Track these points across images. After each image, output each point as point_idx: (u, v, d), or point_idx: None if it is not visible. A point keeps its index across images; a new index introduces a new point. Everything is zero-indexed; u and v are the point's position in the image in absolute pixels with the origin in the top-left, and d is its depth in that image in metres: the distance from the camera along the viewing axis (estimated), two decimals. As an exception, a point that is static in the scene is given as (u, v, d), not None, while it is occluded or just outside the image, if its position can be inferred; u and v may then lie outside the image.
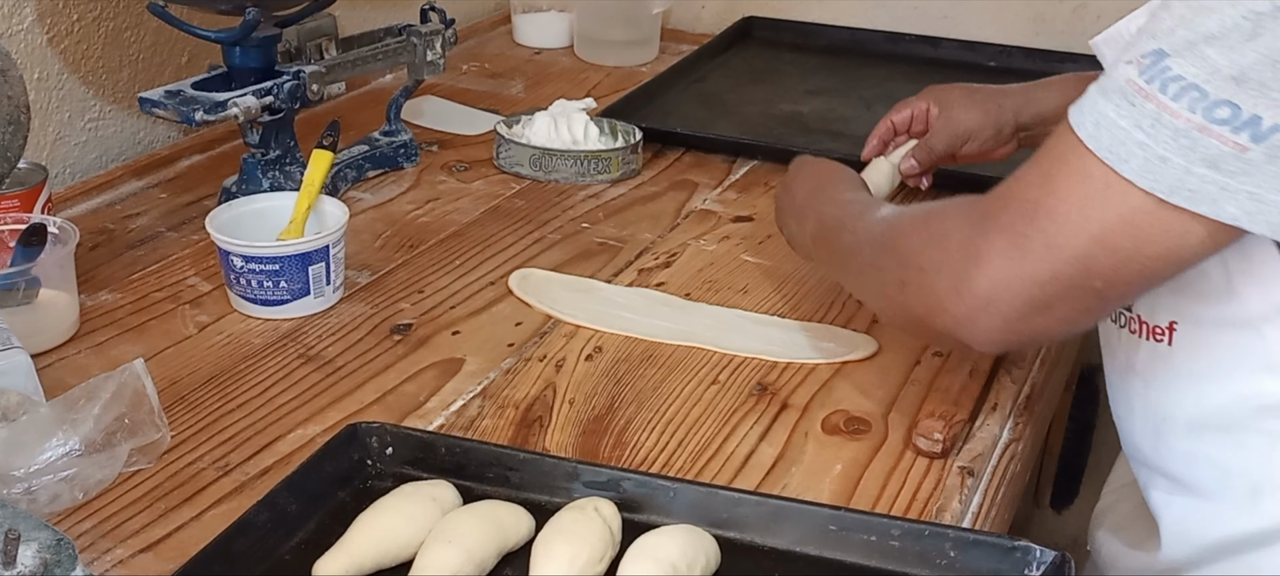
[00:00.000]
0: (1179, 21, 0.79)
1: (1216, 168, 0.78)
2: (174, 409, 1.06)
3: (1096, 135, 0.82)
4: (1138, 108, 0.80)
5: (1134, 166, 0.80)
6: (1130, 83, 0.81)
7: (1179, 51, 0.79)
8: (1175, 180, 0.79)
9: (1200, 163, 0.78)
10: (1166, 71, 0.79)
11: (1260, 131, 0.77)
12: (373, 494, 0.91)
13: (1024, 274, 0.85)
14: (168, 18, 1.37)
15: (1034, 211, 0.85)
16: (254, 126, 1.37)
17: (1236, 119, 0.77)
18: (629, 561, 0.84)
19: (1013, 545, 0.86)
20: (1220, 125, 0.78)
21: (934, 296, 0.89)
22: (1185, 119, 0.78)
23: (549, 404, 1.08)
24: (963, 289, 0.87)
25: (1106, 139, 0.81)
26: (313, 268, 1.19)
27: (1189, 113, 0.78)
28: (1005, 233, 0.86)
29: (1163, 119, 0.79)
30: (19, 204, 1.25)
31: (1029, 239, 0.85)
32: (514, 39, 2.06)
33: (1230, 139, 0.77)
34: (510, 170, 1.54)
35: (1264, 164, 0.77)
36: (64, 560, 0.76)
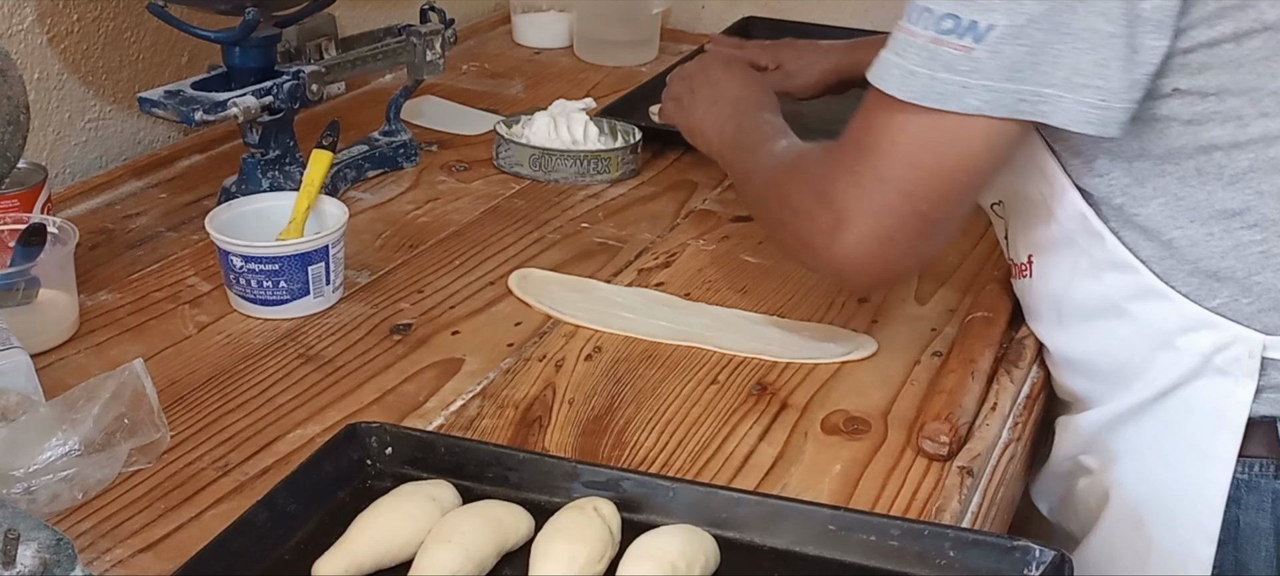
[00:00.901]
0: None
1: (953, 70, 0.93)
2: (174, 409, 1.06)
3: (877, 72, 0.98)
4: (897, 40, 0.97)
5: (893, 82, 0.96)
6: (898, 28, 0.97)
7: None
8: (923, 87, 0.94)
9: (941, 68, 0.94)
10: (914, 7, 0.95)
11: (979, 33, 0.92)
12: (372, 493, 0.91)
13: (864, 207, 0.99)
14: (167, 18, 1.37)
15: (860, 148, 1.00)
16: (254, 126, 1.37)
17: (959, 27, 0.93)
18: (628, 561, 0.84)
19: (1012, 545, 0.86)
20: (948, 34, 0.93)
21: (806, 237, 1.03)
22: (923, 36, 0.94)
23: (548, 404, 1.08)
24: (821, 228, 1.01)
25: (880, 70, 0.98)
26: (312, 267, 1.19)
27: (923, 28, 0.94)
28: (846, 172, 1.00)
29: (911, 42, 0.95)
30: (19, 204, 1.25)
31: (862, 176, 0.99)
32: (514, 39, 2.06)
33: (958, 44, 0.93)
34: (510, 170, 1.54)
35: (989, 60, 0.92)
36: (63, 560, 0.76)
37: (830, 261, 1.02)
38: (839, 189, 1.00)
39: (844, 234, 1.00)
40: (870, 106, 1.00)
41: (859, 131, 1.00)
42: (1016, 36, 0.92)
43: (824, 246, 1.01)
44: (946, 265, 1.32)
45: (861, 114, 1.01)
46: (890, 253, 1.00)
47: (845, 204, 0.99)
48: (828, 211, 1.01)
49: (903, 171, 0.97)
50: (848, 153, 1.01)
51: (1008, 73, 0.93)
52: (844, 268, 1.02)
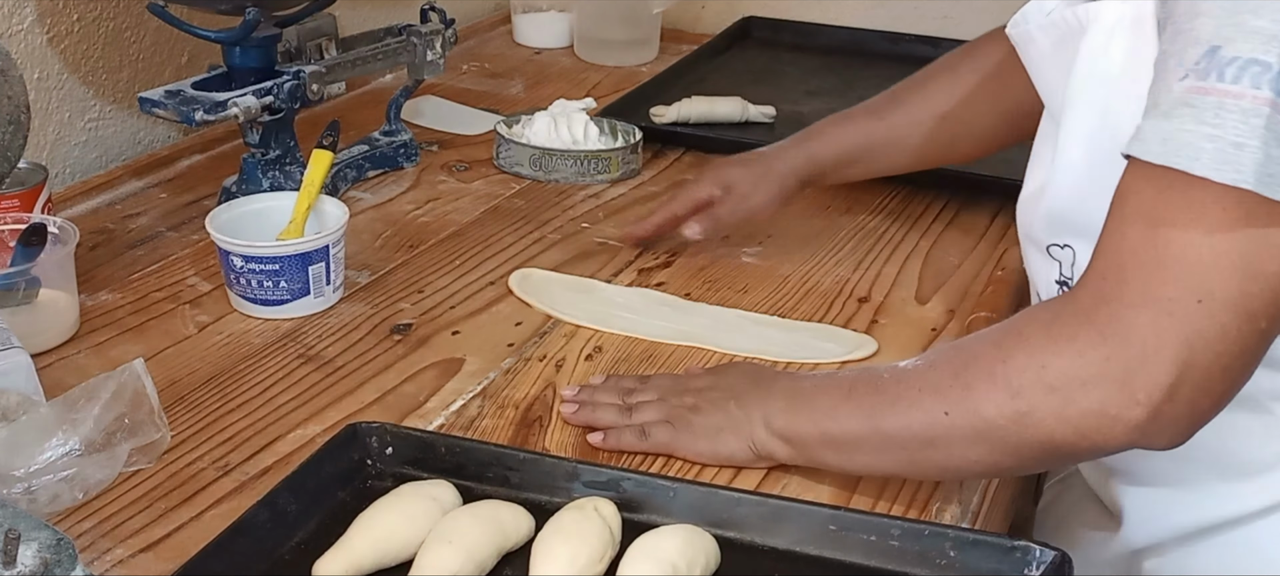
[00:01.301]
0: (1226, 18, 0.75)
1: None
2: (174, 409, 1.06)
3: (1164, 150, 0.75)
4: (1198, 107, 0.74)
5: (1206, 163, 0.73)
6: (1187, 88, 0.75)
7: (1229, 39, 0.74)
8: (1258, 165, 0.72)
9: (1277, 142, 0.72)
10: (1221, 59, 0.74)
11: None
12: (373, 494, 0.91)
13: (1194, 344, 0.76)
14: (168, 18, 1.37)
15: (1161, 267, 0.76)
16: (254, 126, 1.37)
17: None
18: (629, 561, 0.84)
19: (1012, 545, 0.86)
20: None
21: (1089, 413, 0.79)
22: (1250, 97, 0.72)
23: (549, 404, 1.08)
24: (1135, 390, 0.77)
25: (1175, 147, 0.74)
26: (313, 267, 1.19)
27: (1254, 89, 0.72)
28: (1142, 306, 0.77)
29: (1226, 105, 0.73)
30: (19, 204, 1.25)
31: (1175, 301, 0.76)
32: (514, 39, 2.06)
33: None
34: (510, 170, 1.54)
35: None
36: (64, 560, 0.76)
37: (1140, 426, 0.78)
38: (1142, 328, 0.76)
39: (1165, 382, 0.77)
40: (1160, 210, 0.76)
41: (1150, 247, 0.76)
42: None
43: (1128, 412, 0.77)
44: (947, 265, 1.32)
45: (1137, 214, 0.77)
46: (1225, 389, 0.79)
47: (1158, 344, 0.76)
48: (1127, 364, 0.77)
49: (1240, 284, 0.75)
50: (1138, 279, 0.77)
51: None
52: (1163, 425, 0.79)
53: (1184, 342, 0.76)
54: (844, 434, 0.91)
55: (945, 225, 1.41)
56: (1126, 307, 0.77)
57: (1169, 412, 0.78)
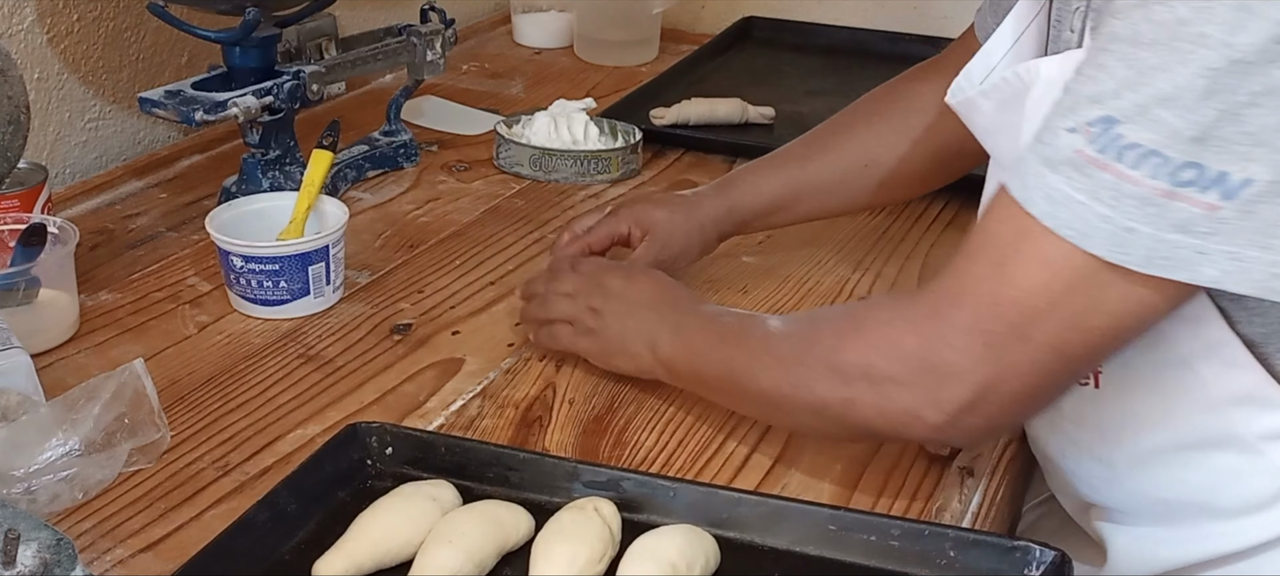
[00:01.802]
0: (1124, 85, 0.75)
1: (1188, 231, 0.75)
2: (174, 409, 1.06)
3: (1053, 212, 0.77)
4: (1094, 179, 0.76)
5: (1100, 242, 0.76)
6: (1080, 154, 0.76)
7: (1130, 117, 0.75)
8: (1147, 250, 0.75)
9: (1171, 228, 0.75)
10: (1120, 139, 0.75)
11: (1230, 187, 0.74)
12: (372, 494, 0.91)
13: (1003, 374, 0.82)
14: (168, 18, 1.37)
15: (996, 307, 0.81)
16: (254, 126, 1.37)
17: (1202, 178, 0.74)
18: (629, 561, 0.84)
19: (1012, 545, 0.86)
20: (1187, 187, 0.74)
21: (900, 410, 0.86)
22: (1148, 186, 0.74)
23: (549, 404, 1.08)
24: (941, 401, 0.84)
25: (1065, 215, 0.77)
26: (312, 267, 1.19)
27: (1152, 179, 0.74)
28: (969, 334, 0.82)
29: (1124, 188, 0.75)
30: (19, 204, 1.25)
31: (999, 337, 0.81)
32: (514, 39, 2.06)
33: (1200, 200, 0.74)
34: (510, 170, 1.54)
35: (1238, 220, 0.74)
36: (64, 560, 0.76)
37: (940, 429, 0.85)
38: (959, 353, 0.82)
39: (966, 399, 0.83)
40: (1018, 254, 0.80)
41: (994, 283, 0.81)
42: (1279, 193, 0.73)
43: (931, 416, 0.84)
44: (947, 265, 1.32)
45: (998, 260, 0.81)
46: (1024, 410, 0.87)
47: (976, 372, 0.82)
48: (938, 378, 0.83)
49: (1064, 334, 0.80)
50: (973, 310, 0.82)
51: (1261, 238, 0.74)
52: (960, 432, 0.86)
53: (995, 372, 0.82)
54: (711, 377, 1.00)
55: (945, 225, 1.41)
56: (954, 330, 0.83)
57: (966, 423, 0.84)
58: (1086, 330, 0.80)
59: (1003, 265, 0.81)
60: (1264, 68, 0.72)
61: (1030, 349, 0.81)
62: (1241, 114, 0.73)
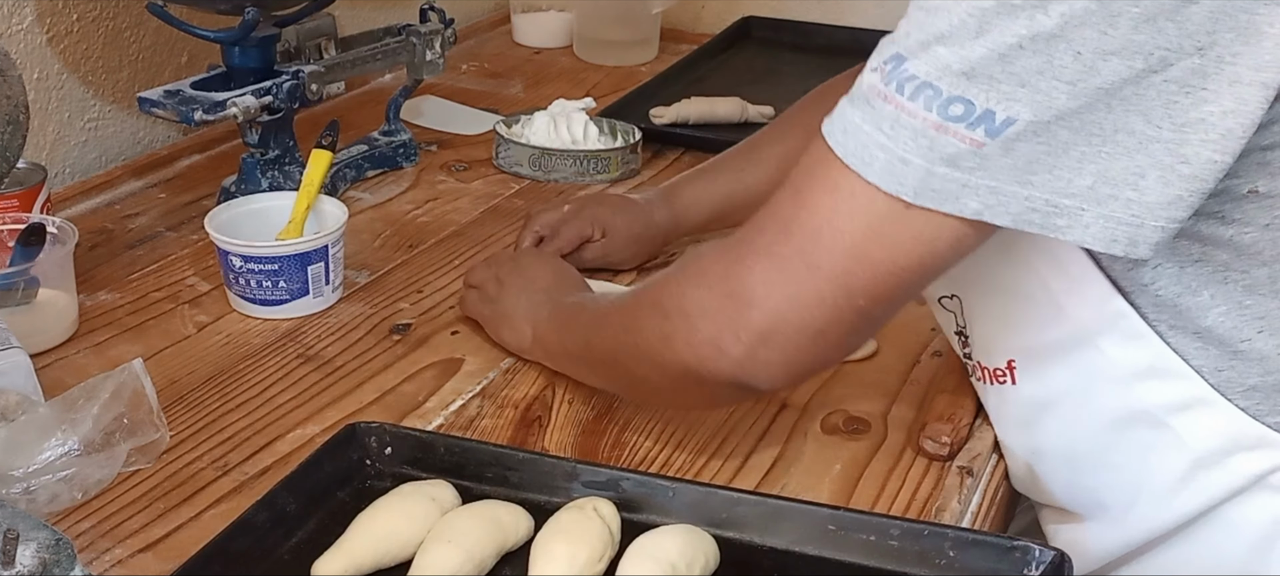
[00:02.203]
0: (914, 26, 0.80)
1: (955, 165, 0.78)
2: (173, 409, 1.06)
3: (844, 143, 0.81)
4: (877, 110, 0.79)
5: (877, 170, 0.79)
6: (872, 88, 0.80)
7: (913, 53, 0.79)
8: (919, 181, 0.78)
9: (940, 161, 0.78)
10: (903, 72, 0.79)
11: (994, 126, 0.77)
12: (372, 493, 0.91)
13: (791, 298, 0.83)
14: (167, 17, 1.37)
15: (788, 229, 0.83)
16: (253, 126, 1.37)
17: (970, 115, 0.77)
18: (628, 561, 0.84)
19: (1012, 544, 0.86)
20: (956, 122, 0.77)
21: (705, 342, 0.86)
22: (922, 118, 0.78)
23: (548, 403, 1.08)
24: (739, 329, 0.85)
25: (852, 144, 0.80)
26: (312, 267, 1.19)
27: (925, 111, 0.77)
28: (764, 257, 0.84)
29: (902, 120, 0.78)
30: (18, 204, 1.25)
31: (788, 260, 0.83)
32: (513, 39, 2.06)
33: (967, 135, 0.77)
34: (510, 170, 1.54)
35: (1000, 157, 0.77)
36: (63, 560, 0.76)
37: (740, 363, 0.85)
38: (756, 276, 0.84)
39: (760, 327, 0.84)
40: (813, 179, 0.83)
41: (790, 208, 0.84)
42: (1038, 133, 0.77)
43: (731, 347, 0.85)
44: (946, 265, 1.32)
45: (797, 187, 0.84)
46: (817, 349, 0.86)
47: (764, 294, 0.84)
48: (737, 304, 0.85)
49: (846, 264, 0.82)
50: (770, 233, 0.85)
51: (1019, 175, 0.78)
52: (758, 367, 0.86)
53: (785, 298, 0.83)
54: (574, 350, 1.05)
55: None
56: (752, 254, 0.85)
57: (763, 356, 0.85)
58: (870, 263, 0.82)
59: (799, 192, 0.84)
60: (1030, 12, 0.75)
61: (817, 279, 0.82)
62: (1009, 55, 0.76)
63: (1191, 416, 0.91)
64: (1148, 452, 0.93)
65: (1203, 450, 0.91)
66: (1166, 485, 0.93)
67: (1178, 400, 0.91)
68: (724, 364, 0.86)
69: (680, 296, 0.89)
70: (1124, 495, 0.95)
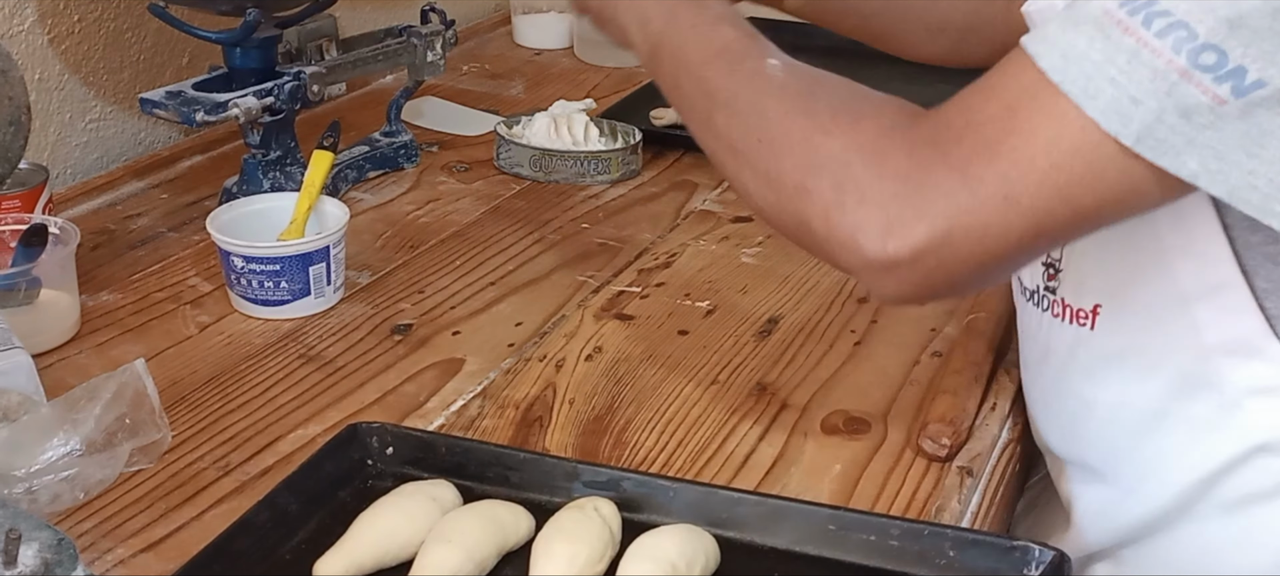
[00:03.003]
0: None
1: (1188, 118, 0.71)
2: (175, 409, 1.06)
3: (1063, 68, 0.73)
4: (1114, 41, 0.72)
5: (1101, 104, 0.72)
6: (1108, 14, 0.72)
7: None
8: (1144, 126, 0.72)
9: (1174, 110, 0.71)
10: (1155, 5, 0.71)
11: (1242, 85, 0.70)
12: (373, 493, 0.91)
13: (971, 226, 0.75)
14: (168, 18, 1.37)
15: (993, 150, 0.75)
16: (254, 127, 1.37)
17: (1221, 67, 0.70)
18: (629, 561, 0.84)
19: (1012, 544, 0.86)
20: (1203, 71, 0.70)
21: (848, 224, 0.78)
22: (1166, 59, 0.71)
23: (549, 404, 1.08)
24: (893, 230, 0.76)
25: (1075, 73, 0.73)
26: (313, 268, 1.20)
27: (1172, 53, 0.70)
28: (957, 171, 0.75)
29: (1141, 55, 0.71)
30: (20, 204, 1.25)
31: (984, 184, 0.75)
32: (514, 40, 2.06)
33: (1211, 88, 0.71)
34: (510, 171, 1.55)
35: (1236, 120, 0.71)
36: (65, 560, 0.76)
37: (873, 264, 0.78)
38: (940, 189, 0.75)
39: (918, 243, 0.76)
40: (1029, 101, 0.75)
41: (999, 127, 0.75)
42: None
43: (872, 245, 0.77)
44: (946, 265, 1.32)
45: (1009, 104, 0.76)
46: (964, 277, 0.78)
47: (941, 210, 0.75)
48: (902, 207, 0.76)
49: (1051, 204, 0.74)
50: (969, 146, 0.76)
51: (1250, 145, 0.71)
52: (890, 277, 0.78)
53: (964, 224, 0.75)
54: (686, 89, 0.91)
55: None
56: (942, 163, 0.76)
57: (904, 271, 0.77)
58: (1074, 205, 0.75)
59: (1012, 110, 0.75)
60: None
61: (1013, 213, 0.75)
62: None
63: (1268, 401, 0.87)
64: (1212, 430, 0.89)
65: (1271, 436, 0.88)
66: (1222, 465, 0.90)
67: (1259, 383, 0.87)
68: (854, 256, 0.78)
69: (843, 159, 0.79)
70: (1166, 468, 0.92)
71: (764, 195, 0.85)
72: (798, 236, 0.83)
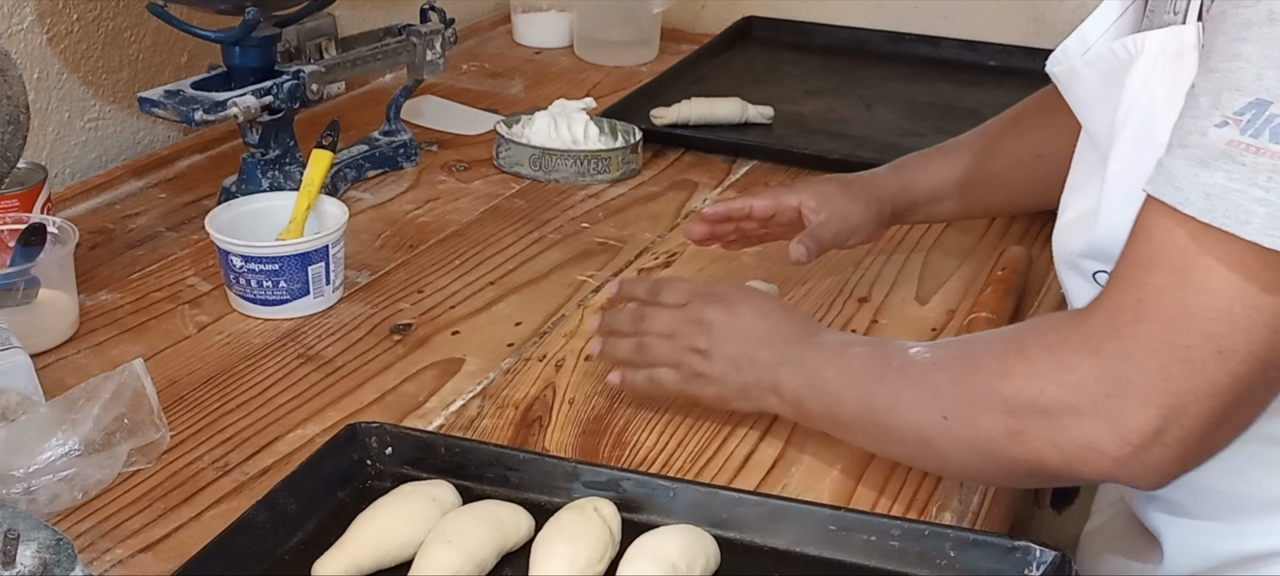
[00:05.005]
0: (1268, 65, 0.74)
1: None
2: (173, 409, 1.06)
3: (1210, 208, 0.75)
4: (1250, 165, 0.74)
5: (1257, 225, 0.73)
6: (1233, 144, 0.74)
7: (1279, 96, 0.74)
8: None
9: None
10: (1274, 120, 0.73)
11: None
12: (372, 494, 0.91)
13: (1199, 390, 0.77)
14: (167, 17, 1.37)
15: (1186, 317, 0.76)
16: (253, 126, 1.37)
17: None
18: (629, 561, 0.84)
19: (1012, 545, 0.86)
20: None
21: (1077, 442, 0.80)
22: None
23: (549, 404, 1.08)
24: (1125, 428, 0.78)
25: (1224, 206, 0.74)
26: (312, 267, 1.19)
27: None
28: (1160, 351, 0.77)
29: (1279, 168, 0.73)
30: (18, 204, 1.25)
31: (1192, 349, 0.76)
32: (514, 39, 2.06)
33: None
34: (510, 170, 1.54)
35: None
36: (63, 560, 0.76)
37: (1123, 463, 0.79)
38: (1150, 372, 0.77)
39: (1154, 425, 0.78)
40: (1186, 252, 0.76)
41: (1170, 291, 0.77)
42: None
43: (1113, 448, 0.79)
44: (947, 265, 1.32)
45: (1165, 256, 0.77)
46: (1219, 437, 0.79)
47: (1161, 390, 0.77)
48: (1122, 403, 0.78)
49: (1268, 337, 0.75)
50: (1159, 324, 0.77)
51: None
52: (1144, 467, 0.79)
53: (1191, 394, 0.77)
54: (848, 419, 0.94)
55: (945, 225, 1.41)
56: (1140, 349, 0.78)
57: (1153, 454, 0.79)
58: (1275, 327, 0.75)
59: (1185, 273, 0.77)
60: None
61: (1232, 363, 0.76)
62: None
63: None
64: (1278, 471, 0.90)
65: None
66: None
67: None
68: (1102, 465, 0.80)
69: (1034, 391, 0.82)
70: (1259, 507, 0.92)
71: (977, 464, 0.87)
72: (1038, 476, 0.84)
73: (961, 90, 1.73)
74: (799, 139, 1.62)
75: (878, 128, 1.66)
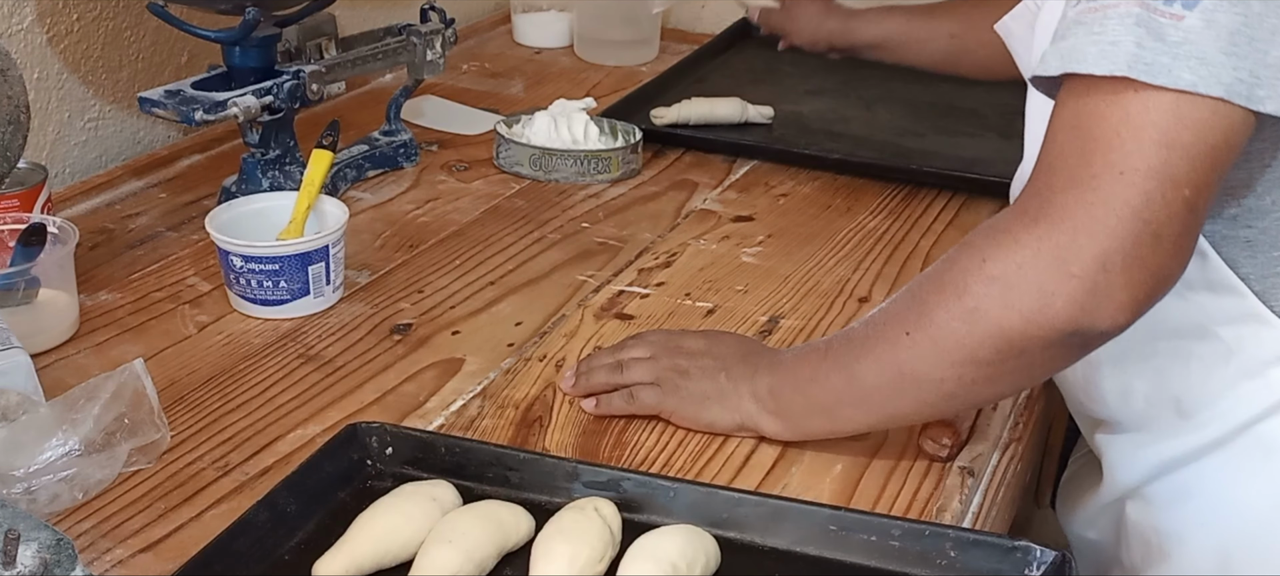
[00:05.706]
0: None
1: (1162, 39, 0.81)
2: (174, 409, 1.06)
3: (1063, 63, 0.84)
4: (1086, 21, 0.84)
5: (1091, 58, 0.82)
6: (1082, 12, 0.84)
7: None
8: (1129, 56, 0.81)
9: (1149, 38, 0.81)
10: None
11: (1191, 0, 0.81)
12: (372, 494, 0.91)
13: (1120, 213, 0.81)
14: (167, 17, 1.37)
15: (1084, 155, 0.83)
16: (254, 126, 1.37)
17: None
18: (629, 561, 0.84)
19: (1013, 545, 0.86)
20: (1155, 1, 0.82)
21: (1030, 294, 0.84)
22: (1124, 5, 0.82)
23: (549, 404, 1.08)
24: (1067, 263, 0.82)
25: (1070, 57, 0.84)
26: (312, 267, 1.19)
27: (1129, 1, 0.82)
28: (1071, 189, 0.83)
29: (1109, 15, 0.82)
30: (19, 204, 1.25)
31: (1099, 178, 0.82)
32: (514, 39, 2.06)
33: (1166, 11, 0.81)
34: (510, 170, 1.54)
35: (1202, 30, 0.81)
36: (64, 560, 0.76)
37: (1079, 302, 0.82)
38: (1070, 208, 0.82)
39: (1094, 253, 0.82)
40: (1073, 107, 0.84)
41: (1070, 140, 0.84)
42: (1233, 3, 0.81)
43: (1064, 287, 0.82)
44: (947, 265, 1.32)
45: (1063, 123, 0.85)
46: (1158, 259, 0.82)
47: (1087, 218, 0.82)
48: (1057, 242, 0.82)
49: (1157, 154, 0.81)
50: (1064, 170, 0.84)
51: (1223, 45, 0.81)
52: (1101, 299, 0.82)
53: (1111, 213, 0.82)
54: (827, 394, 0.97)
55: (945, 225, 1.41)
56: (1056, 193, 0.84)
57: (1104, 284, 0.82)
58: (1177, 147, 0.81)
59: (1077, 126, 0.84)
60: None
61: (1135, 180, 0.81)
62: None
63: (1239, 329, 0.95)
64: (1197, 363, 0.96)
65: (1247, 360, 0.95)
66: (1209, 395, 0.97)
67: (1229, 313, 0.95)
68: (1059, 310, 0.83)
69: (977, 269, 0.87)
70: (1168, 408, 0.99)
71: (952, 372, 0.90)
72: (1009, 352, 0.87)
73: (962, 90, 1.72)
74: (799, 139, 1.62)
75: (878, 128, 1.66)
